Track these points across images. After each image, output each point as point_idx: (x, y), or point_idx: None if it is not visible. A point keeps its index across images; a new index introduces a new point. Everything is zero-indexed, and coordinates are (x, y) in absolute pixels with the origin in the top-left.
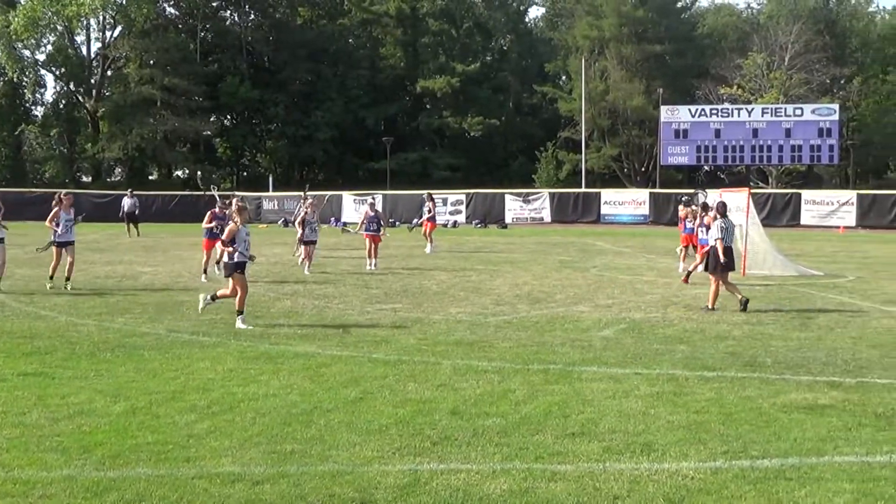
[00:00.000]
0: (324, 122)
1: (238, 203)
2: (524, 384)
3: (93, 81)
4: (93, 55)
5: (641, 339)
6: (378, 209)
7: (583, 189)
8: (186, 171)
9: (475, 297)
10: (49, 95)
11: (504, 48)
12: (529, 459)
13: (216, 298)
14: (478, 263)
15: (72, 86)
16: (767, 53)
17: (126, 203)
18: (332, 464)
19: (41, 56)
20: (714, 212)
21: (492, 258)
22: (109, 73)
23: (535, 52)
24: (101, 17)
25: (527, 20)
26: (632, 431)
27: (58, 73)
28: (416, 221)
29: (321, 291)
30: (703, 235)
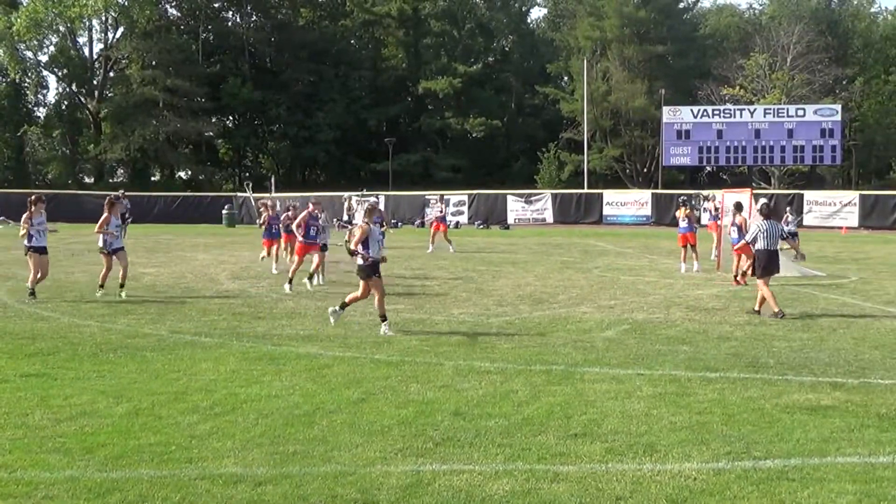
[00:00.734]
0: (326, 124)
1: (370, 203)
2: (526, 385)
3: (95, 82)
4: (95, 56)
5: (644, 340)
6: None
7: (585, 190)
8: (189, 172)
9: (477, 298)
10: (51, 96)
11: (506, 49)
12: (532, 460)
13: (346, 306)
14: (480, 264)
15: (74, 87)
16: (769, 54)
17: None
18: (335, 465)
19: (43, 57)
20: (758, 213)
21: (494, 259)
22: (112, 75)
23: (537, 53)
24: (104, 19)
25: (529, 21)
26: (634, 432)
27: (60, 75)
28: (429, 218)
29: (323, 292)
30: (735, 235)
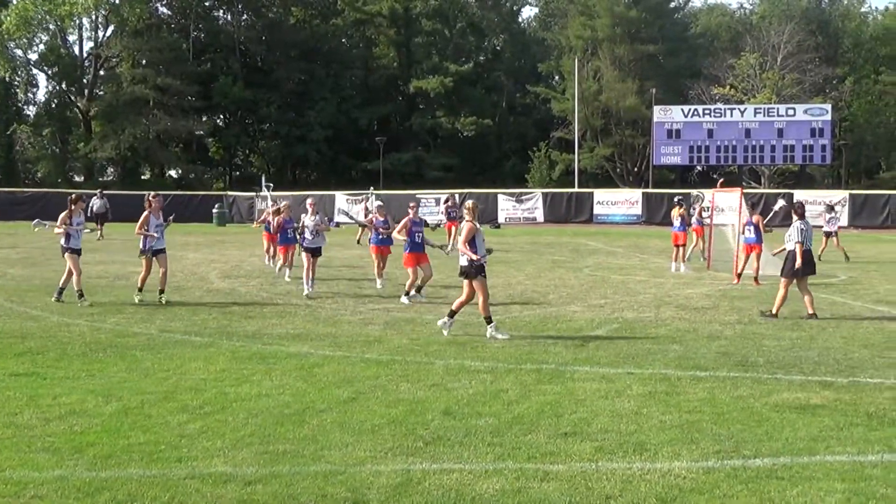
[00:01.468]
0: (317, 122)
1: (472, 201)
2: (516, 384)
3: (85, 81)
4: (85, 55)
5: (634, 339)
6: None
7: (576, 189)
8: (179, 171)
9: None
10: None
11: (497, 48)
12: (522, 459)
13: (454, 314)
14: None
15: (64, 85)
16: (760, 53)
17: (95, 203)
18: (325, 464)
19: (33, 55)
20: (793, 213)
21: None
22: (102, 73)
23: (529, 53)
24: (94, 17)
25: (520, 20)
26: (624, 431)
27: (50, 73)
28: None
29: (313, 292)
30: (750, 234)
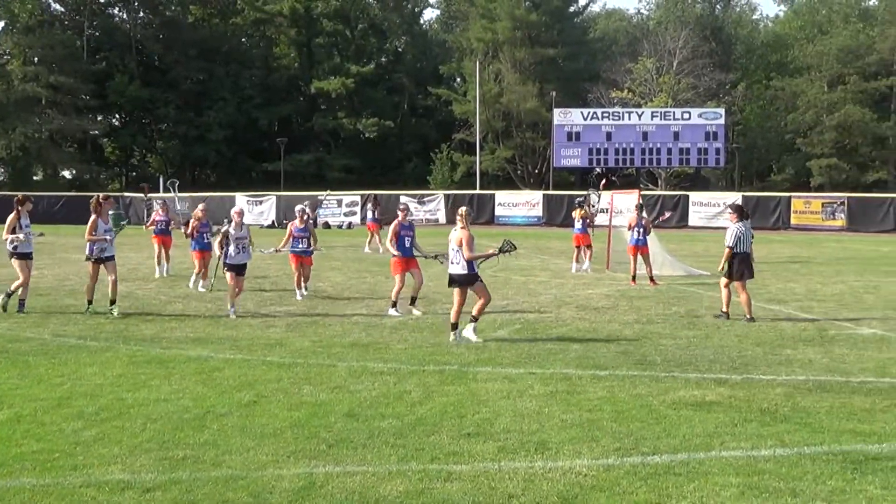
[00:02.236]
0: (216, 123)
1: (465, 208)
2: (420, 385)
3: None
4: None
5: (536, 339)
6: (308, 218)
7: (477, 191)
8: (73, 172)
9: (370, 300)
10: None
11: (399, 50)
12: (425, 460)
13: (456, 325)
14: (373, 265)
15: None
16: (657, 58)
17: None
18: (226, 469)
19: None
20: (731, 215)
21: (387, 260)
22: None
23: (430, 54)
24: None
25: (421, 22)
26: (526, 430)
27: None
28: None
29: (214, 294)
30: (638, 236)
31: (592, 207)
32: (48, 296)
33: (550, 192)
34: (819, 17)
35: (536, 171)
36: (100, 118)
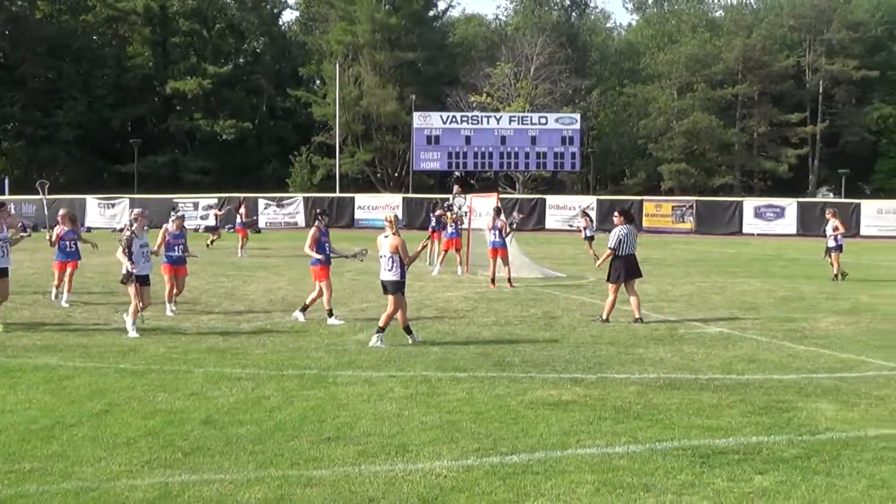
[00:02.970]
0: (66, 123)
1: (393, 214)
2: (279, 390)
3: None
4: None
5: (396, 342)
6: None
7: (337, 194)
8: None
9: (228, 304)
10: None
11: (257, 51)
12: (284, 466)
13: (409, 328)
14: (230, 269)
15: None
16: (514, 63)
17: None
18: (77, 481)
19: None
20: (617, 217)
21: (245, 263)
22: None
23: (290, 56)
24: None
25: (280, 23)
26: (387, 433)
27: None
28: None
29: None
30: (496, 238)
31: (460, 210)
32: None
33: (410, 196)
34: (669, 27)
35: (396, 175)
36: None
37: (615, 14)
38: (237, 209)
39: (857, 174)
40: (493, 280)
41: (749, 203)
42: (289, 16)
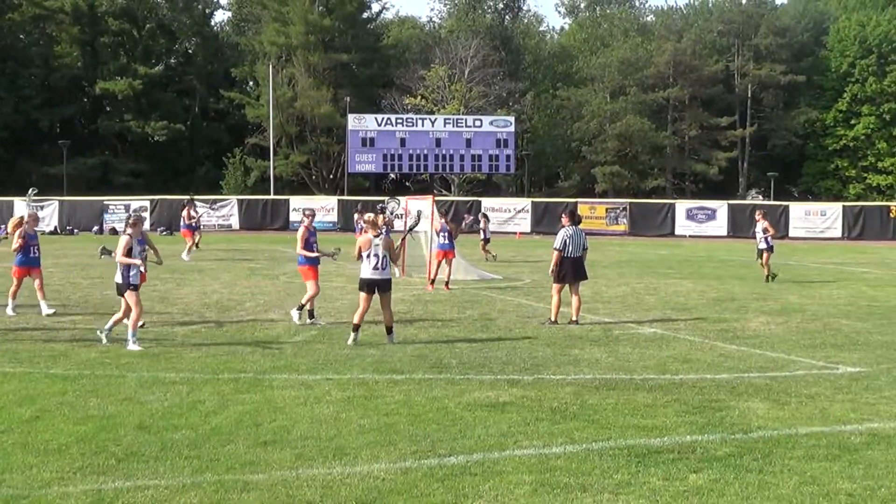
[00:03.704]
0: None
1: (370, 215)
2: (214, 394)
3: None
4: None
5: (332, 345)
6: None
7: (271, 196)
8: None
9: (161, 307)
10: None
11: (189, 51)
12: (221, 471)
13: (358, 328)
14: (164, 272)
15: None
16: (449, 66)
17: None
18: (6, 489)
19: None
20: (564, 218)
21: (178, 266)
22: None
23: (222, 57)
24: None
25: (212, 24)
26: (324, 437)
27: None
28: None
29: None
30: (444, 240)
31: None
32: None
33: (345, 198)
34: (601, 31)
35: (331, 177)
36: None
37: (548, 18)
38: (181, 210)
39: (786, 177)
40: (433, 282)
41: (681, 205)
42: (221, 16)
